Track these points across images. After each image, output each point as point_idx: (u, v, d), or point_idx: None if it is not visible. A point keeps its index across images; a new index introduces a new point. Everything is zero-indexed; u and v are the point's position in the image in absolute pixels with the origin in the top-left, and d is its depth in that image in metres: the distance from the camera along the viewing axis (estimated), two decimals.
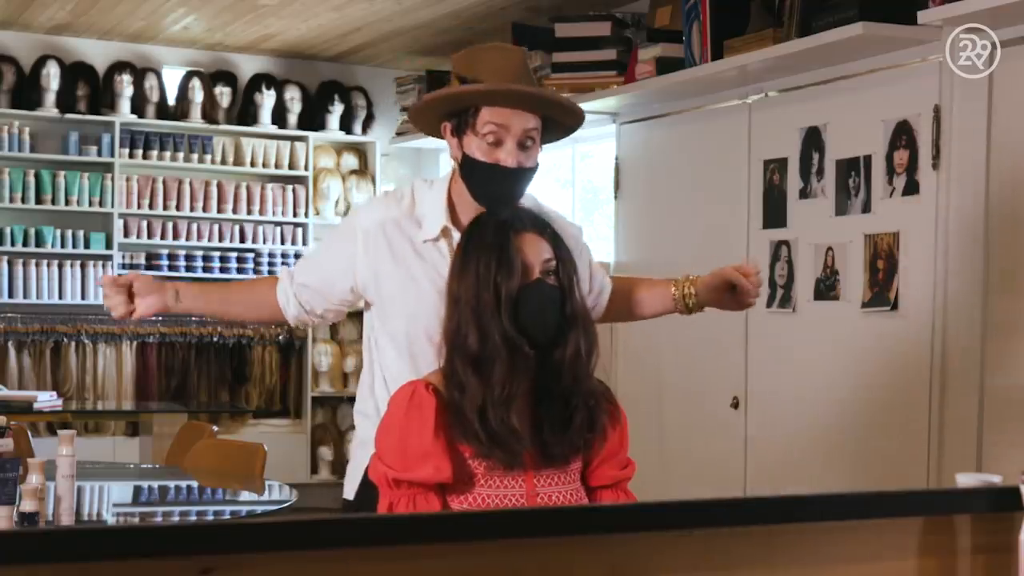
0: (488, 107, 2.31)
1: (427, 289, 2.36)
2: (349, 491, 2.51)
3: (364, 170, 7.66)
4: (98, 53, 7.10)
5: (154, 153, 7.12)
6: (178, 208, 7.15)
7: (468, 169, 2.36)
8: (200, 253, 7.20)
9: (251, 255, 7.31)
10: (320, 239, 7.45)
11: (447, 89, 2.38)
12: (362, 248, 2.42)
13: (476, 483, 2.09)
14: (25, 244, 6.80)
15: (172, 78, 7.26)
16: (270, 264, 7.30)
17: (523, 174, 2.36)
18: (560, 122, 2.42)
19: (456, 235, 2.37)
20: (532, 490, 2.11)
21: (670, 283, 2.59)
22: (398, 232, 2.42)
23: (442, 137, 2.45)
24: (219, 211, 7.22)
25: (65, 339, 6.95)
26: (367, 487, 2.34)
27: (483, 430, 2.05)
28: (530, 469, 2.12)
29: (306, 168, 7.42)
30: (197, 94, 7.18)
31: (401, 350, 2.41)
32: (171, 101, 7.23)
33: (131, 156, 7.05)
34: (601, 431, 2.17)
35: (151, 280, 2.57)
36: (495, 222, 2.15)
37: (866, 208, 4.08)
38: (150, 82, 7.12)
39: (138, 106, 7.08)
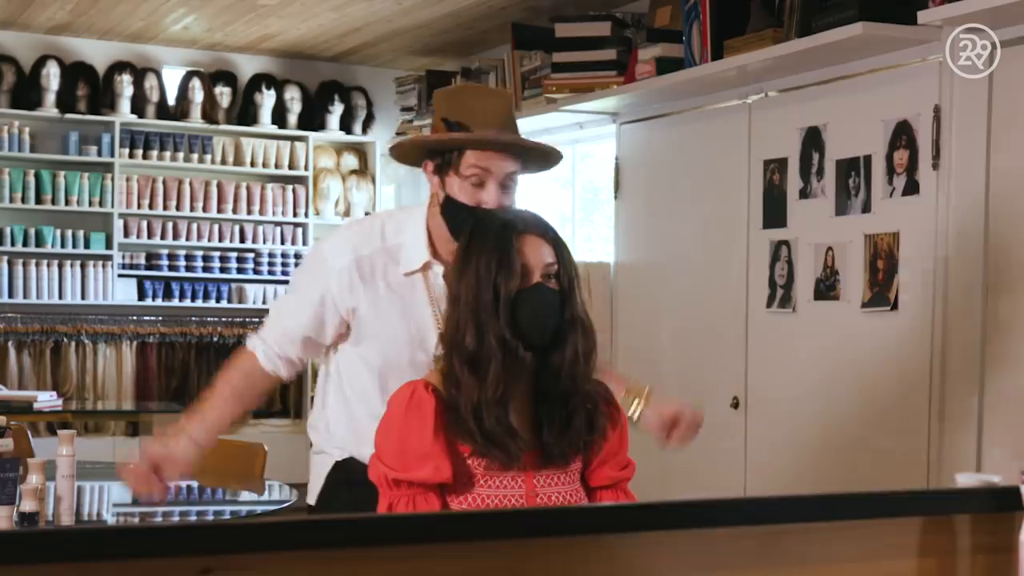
0: (473, 151, 2.37)
1: (402, 322, 2.44)
2: (312, 496, 2.60)
3: (364, 170, 7.66)
4: (98, 53, 7.10)
5: (154, 153, 7.12)
6: (178, 208, 7.15)
7: (450, 210, 2.41)
8: (200, 253, 7.20)
9: (251, 255, 7.31)
10: (319, 238, 7.45)
11: (436, 135, 2.42)
12: (336, 288, 2.47)
13: (476, 483, 2.09)
14: (25, 244, 6.80)
15: (172, 78, 7.26)
16: (270, 264, 7.30)
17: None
18: (538, 164, 2.50)
19: (437, 268, 2.45)
20: (532, 490, 2.12)
21: (624, 385, 2.49)
22: (372, 269, 2.47)
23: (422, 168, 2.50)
24: (219, 211, 7.22)
25: (65, 339, 6.95)
26: (327, 492, 2.52)
27: (478, 428, 2.06)
28: (530, 469, 2.12)
29: (306, 168, 7.42)
30: (197, 94, 7.18)
31: (373, 373, 2.49)
32: (171, 101, 7.23)
33: (131, 156, 7.05)
34: (600, 432, 2.18)
35: (162, 449, 2.49)
36: (498, 224, 2.15)
37: (866, 208, 4.08)
38: (150, 82, 7.12)
39: (138, 106, 7.08)
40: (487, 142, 2.35)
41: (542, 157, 2.47)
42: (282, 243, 7.37)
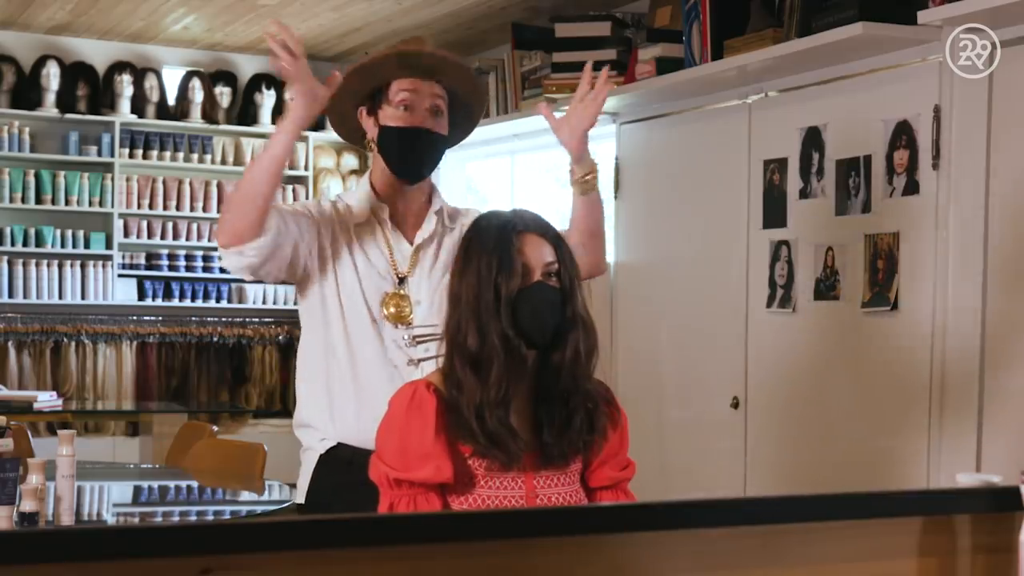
0: (397, 79, 2.56)
1: (367, 268, 2.56)
2: (300, 495, 2.62)
3: (364, 170, 7.65)
4: (98, 53, 7.10)
5: (154, 153, 7.12)
6: (178, 208, 7.15)
7: (384, 137, 2.57)
8: (200, 253, 7.20)
9: None
10: None
11: (353, 64, 2.63)
12: (316, 214, 2.59)
13: (476, 484, 2.10)
14: (25, 244, 6.80)
15: (172, 78, 7.26)
16: None
17: (435, 137, 2.58)
18: (464, 101, 2.65)
19: (384, 213, 2.60)
20: (532, 491, 2.12)
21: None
22: (339, 219, 2.60)
23: (356, 139, 2.69)
24: (219, 211, 7.20)
25: (65, 339, 6.96)
26: (315, 490, 2.55)
27: (480, 429, 2.06)
28: (529, 470, 2.12)
29: (306, 168, 7.42)
30: (197, 94, 7.18)
31: (339, 328, 2.55)
32: (171, 101, 7.23)
33: (131, 156, 7.05)
34: (601, 433, 2.18)
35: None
36: (498, 223, 2.15)
37: (866, 208, 4.08)
38: (150, 82, 7.12)
39: (138, 106, 7.08)
40: (403, 51, 2.53)
41: (461, 81, 2.62)
42: None
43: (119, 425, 6.98)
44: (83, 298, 6.93)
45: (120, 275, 7.02)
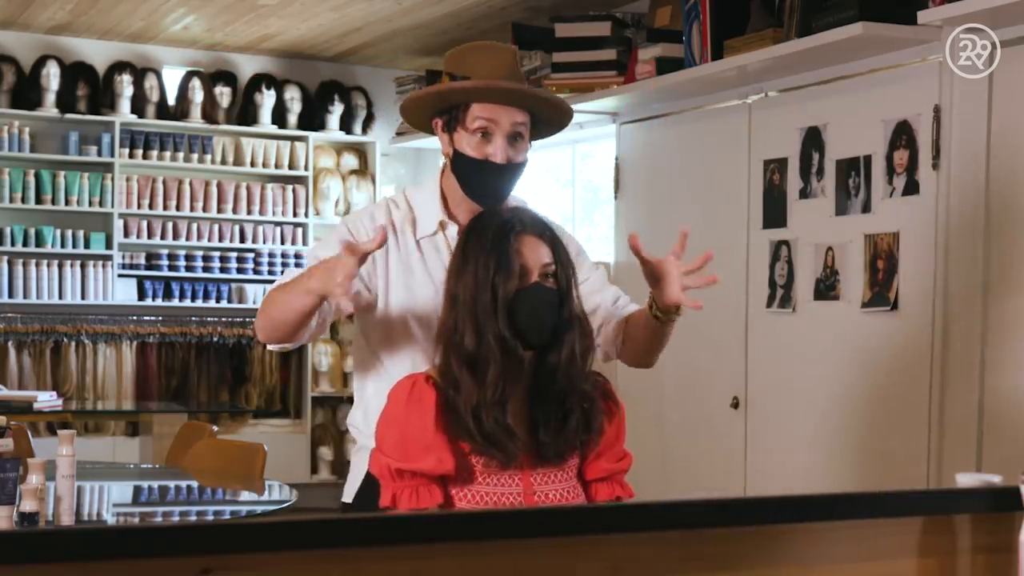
0: (478, 103, 2.35)
1: (427, 280, 2.39)
2: (348, 494, 2.52)
3: (364, 170, 7.66)
4: (98, 53, 7.10)
5: (154, 153, 7.12)
6: (178, 208, 7.15)
7: (458, 165, 2.39)
8: (200, 253, 7.20)
9: (251, 255, 7.31)
10: (320, 238, 7.46)
11: (436, 86, 2.41)
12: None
13: (475, 478, 2.10)
14: (25, 244, 6.80)
15: (172, 78, 7.25)
16: (270, 264, 7.30)
17: (512, 169, 2.39)
18: (548, 120, 2.46)
19: (452, 228, 2.41)
20: (529, 487, 2.12)
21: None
22: (397, 234, 2.43)
23: (431, 133, 2.49)
24: (219, 211, 7.22)
25: (65, 339, 6.95)
26: (366, 491, 2.38)
27: (477, 429, 2.06)
28: (527, 467, 2.12)
29: (306, 168, 7.42)
30: (197, 94, 7.18)
31: (407, 332, 2.41)
32: (171, 101, 7.23)
33: (131, 156, 7.04)
34: (597, 432, 2.18)
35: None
36: (496, 224, 2.16)
37: (866, 208, 4.08)
38: (150, 82, 7.12)
39: (138, 106, 7.08)
40: (487, 90, 2.33)
41: (551, 110, 2.44)
42: (282, 243, 7.36)
43: (119, 425, 6.98)
44: (83, 298, 6.93)
45: (120, 275, 7.02)
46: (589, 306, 2.36)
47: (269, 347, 2.48)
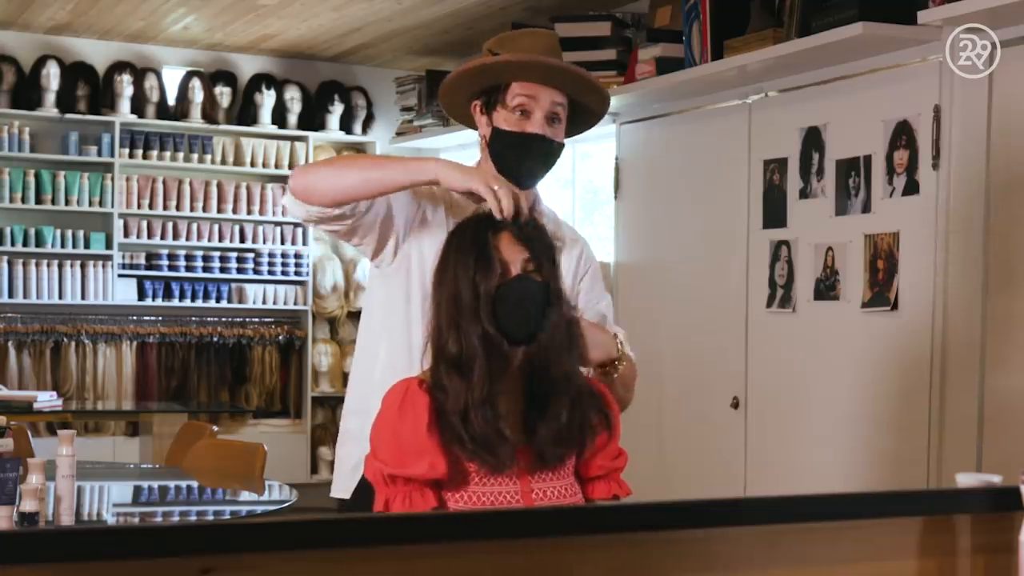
0: (518, 82, 2.36)
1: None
2: (340, 489, 2.49)
3: None
4: (98, 53, 7.10)
5: (154, 153, 7.12)
6: (178, 208, 7.15)
7: (496, 140, 2.39)
8: (200, 253, 7.20)
9: (251, 255, 7.31)
10: (320, 239, 7.46)
11: (479, 60, 2.40)
12: (402, 200, 2.40)
13: (471, 481, 2.08)
14: (25, 244, 6.80)
15: (172, 78, 7.26)
16: (270, 264, 7.30)
17: (550, 144, 2.40)
18: (585, 106, 2.47)
19: None
20: (527, 487, 2.11)
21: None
22: (432, 206, 2.44)
23: (468, 123, 2.49)
24: (219, 211, 7.22)
25: (65, 339, 6.96)
26: (364, 487, 2.34)
27: (467, 432, 2.03)
28: (523, 468, 2.11)
29: None
30: (197, 94, 7.18)
31: (413, 316, 2.40)
32: (171, 101, 7.23)
33: (131, 156, 7.05)
34: (592, 431, 2.16)
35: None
36: (475, 222, 2.14)
37: (866, 208, 4.09)
38: (150, 82, 7.12)
39: (138, 106, 7.08)
40: (530, 63, 2.34)
41: (588, 93, 2.44)
42: (282, 243, 7.36)
43: (119, 425, 6.98)
44: (83, 298, 6.93)
45: (120, 275, 7.02)
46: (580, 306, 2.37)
47: (300, 208, 2.31)
